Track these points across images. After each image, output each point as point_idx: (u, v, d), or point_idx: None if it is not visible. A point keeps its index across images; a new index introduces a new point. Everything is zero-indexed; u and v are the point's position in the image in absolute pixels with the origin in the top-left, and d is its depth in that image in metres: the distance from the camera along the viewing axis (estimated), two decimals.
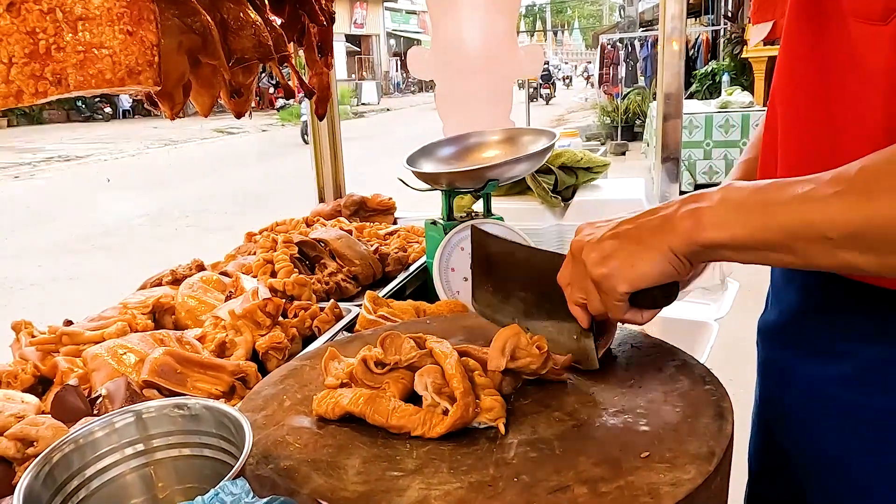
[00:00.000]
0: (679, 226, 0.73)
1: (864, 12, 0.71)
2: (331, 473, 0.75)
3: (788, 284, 0.92)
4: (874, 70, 0.71)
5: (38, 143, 17.34)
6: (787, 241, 0.67)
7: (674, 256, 0.74)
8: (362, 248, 1.83)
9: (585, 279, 0.81)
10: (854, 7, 0.72)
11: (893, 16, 0.68)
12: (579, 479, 0.70)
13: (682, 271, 0.76)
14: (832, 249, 0.64)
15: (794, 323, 0.91)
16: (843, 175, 0.64)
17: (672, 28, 2.14)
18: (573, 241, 0.84)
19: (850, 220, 0.62)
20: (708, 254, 0.74)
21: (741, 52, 11.19)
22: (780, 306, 0.94)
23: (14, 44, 0.68)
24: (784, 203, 0.67)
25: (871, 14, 0.70)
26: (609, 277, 0.78)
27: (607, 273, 0.78)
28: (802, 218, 0.65)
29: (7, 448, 0.97)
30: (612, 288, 0.78)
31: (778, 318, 0.94)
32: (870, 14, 0.70)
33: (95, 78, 0.74)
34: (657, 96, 2.27)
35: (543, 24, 46.83)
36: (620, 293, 0.78)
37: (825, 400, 0.84)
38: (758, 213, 0.68)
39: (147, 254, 6.54)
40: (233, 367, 1.22)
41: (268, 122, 21.54)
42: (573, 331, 0.90)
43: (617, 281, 0.78)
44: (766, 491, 1.04)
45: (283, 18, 1.26)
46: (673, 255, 0.74)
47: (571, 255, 0.84)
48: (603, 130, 13.14)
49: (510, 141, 1.79)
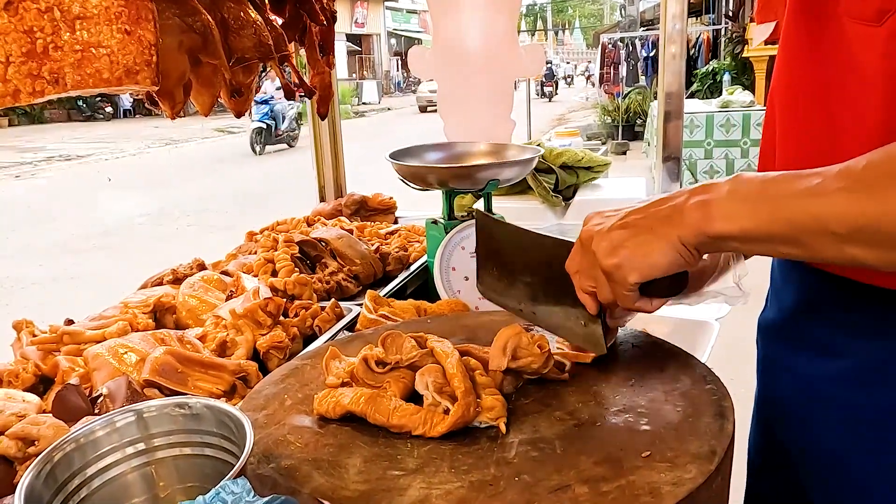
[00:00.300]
0: (688, 217, 0.73)
1: (858, 13, 0.71)
2: (332, 472, 0.75)
3: (788, 282, 0.92)
4: (871, 70, 0.71)
5: (39, 142, 17.34)
6: (794, 235, 0.67)
7: (683, 247, 0.75)
8: (363, 247, 1.83)
9: (595, 268, 0.81)
10: (849, 8, 0.73)
11: (887, 17, 0.68)
12: (580, 479, 0.70)
13: (691, 261, 0.76)
14: (838, 244, 0.65)
15: (793, 320, 0.91)
16: (850, 169, 0.64)
17: (673, 27, 2.13)
18: (583, 229, 0.84)
19: (856, 215, 0.63)
20: (717, 245, 0.74)
21: (742, 51, 11.18)
22: (779, 304, 0.94)
23: (11, 42, 0.68)
24: (792, 196, 0.67)
25: (866, 15, 0.70)
26: (619, 268, 0.78)
27: (618, 263, 0.78)
28: (809, 212, 0.66)
29: (8, 447, 0.98)
30: (622, 278, 0.79)
31: (777, 316, 0.95)
32: (864, 15, 0.71)
33: (93, 77, 0.74)
34: (658, 96, 2.27)
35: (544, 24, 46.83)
36: (631, 283, 0.79)
37: (824, 397, 0.84)
38: (766, 206, 0.69)
39: (148, 253, 6.54)
40: (234, 366, 1.22)
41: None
42: (581, 316, 0.90)
43: (627, 272, 0.78)
44: (766, 488, 1.04)
45: (284, 18, 1.26)
46: (682, 245, 0.74)
47: (581, 243, 0.84)
48: (604, 130, 13.14)
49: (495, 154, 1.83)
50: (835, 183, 0.64)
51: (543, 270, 0.94)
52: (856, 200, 0.63)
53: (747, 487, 1.08)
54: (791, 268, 0.90)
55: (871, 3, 0.69)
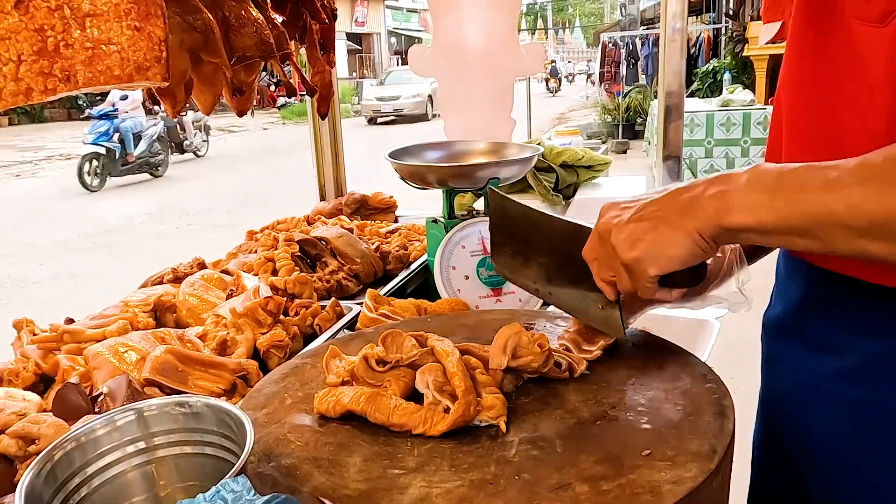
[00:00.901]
0: (706, 208, 0.74)
1: (863, 14, 0.72)
2: (332, 471, 0.75)
3: (792, 280, 0.93)
4: (876, 71, 0.71)
5: (40, 141, 17.33)
6: (810, 228, 0.68)
7: (701, 238, 0.75)
8: (363, 246, 1.83)
9: (615, 261, 0.82)
10: (854, 9, 0.73)
11: (891, 18, 0.69)
12: (580, 477, 0.70)
13: (709, 252, 0.77)
14: (854, 238, 0.65)
15: (796, 318, 0.91)
16: (867, 163, 0.65)
17: (673, 26, 2.13)
18: (600, 221, 0.84)
19: (872, 209, 0.63)
20: (734, 236, 0.74)
21: (742, 50, 11.17)
22: (783, 301, 0.95)
23: (23, 41, 0.68)
24: (809, 189, 0.68)
25: (871, 16, 0.71)
26: (639, 262, 0.79)
27: (637, 257, 0.79)
28: (826, 205, 0.66)
29: (9, 446, 0.98)
30: (642, 272, 0.79)
31: (781, 313, 0.95)
32: (869, 16, 0.71)
33: (104, 74, 0.74)
34: (658, 94, 2.27)
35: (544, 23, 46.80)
36: (651, 276, 0.79)
37: (827, 394, 0.84)
38: (783, 199, 0.69)
39: (148, 252, 6.54)
40: (234, 365, 1.22)
41: (269, 121, 21.53)
42: (598, 300, 0.91)
43: (647, 265, 0.78)
44: (769, 482, 1.05)
45: (285, 16, 1.26)
46: (700, 237, 0.75)
47: (598, 234, 0.84)
48: (604, 129, 13.13)
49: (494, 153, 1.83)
50: (851, 177, 0.65)
51: (559, 253, 0.95)
52: (872, 195, 0.63)
53: (751, 483, 1.08)
54: (795, 266, 0.91)
55: (876, 5, 0.70)
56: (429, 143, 1.86)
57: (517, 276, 1.05)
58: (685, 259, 0.77)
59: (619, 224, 0.81)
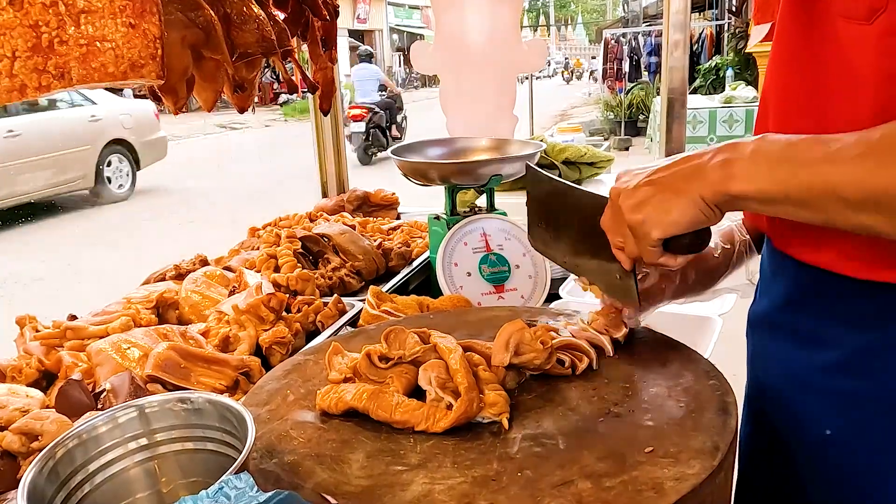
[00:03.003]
0: (710, 175, 0.75)
1: (850, 12, 0.73)
2: (334, 468, 0.75)
3: (777, 276, 0.93)
4: (862, 68, 0.73)
5: None
6: (809, 199, 0.69)
7: (704, 204, 0.76)
8: (365, 243, 1.83)
9: (622, 224, 0.84)
10: (841, 7, 0.74)
11: (877, 15, 0.70)
12: (583, 474, 0.69)
13: (712, 219, 0.78)
14: (850, 210, 0.66)
15: (781, 313, 0.92)
16: (865, 139, 0.66)
17: (676, 23, 2.13)
18: (612, 187, 0.86)
19: (868, 183, 0.64)
20: (736, 204, 0.75)
21: (745, 46, 11.13)
22: (768, 297, 0.96)
23: (17, 37, 0.68)
24: (810, 161, 0.69)
25: (857, 14, 0.72)
26: (643, 224, 0.80)
27: (641, 219, 0.80)
28: (824, 178, 0.67)
29: (12, 442, 0.98)
30: (646, 234, 0.80)
31: (766, 308, 0.96)
32: (855, 14, 0.72)
33: (98, 71, 0.74)
34: (661, 91, 2.26)
35: (546, 19, 46.70)
36: (654, 239, 0.80)
37: (814, 386, 0.85)
38: (784, 169, 0.70)
39: (151, 249, 6.54)
40: (236, 361, 1.22)
41: (271, 118, 21.50)
42: (616, 270, 0.92)
43: (650, 227, 0.80)
44: (756, 475, 1.05)
45: (287, 13, 1.26)
46: (704, 202, 0.76)
47: (611, 200, 0.86)
48: (606, 126, 13.10)
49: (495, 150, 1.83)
50: (850, 151, 0.66)
51: (583, 225, 0.97)
52: (868, 168, 0.64)
53: (738, 476, 1.08)
54: (781, 261, 0.91)
55: (862, 2, 0.71)
56: (431, 140, 1.86)
57: (549, 250, 1.08)
58: (687, 224, 0.78)
59: (627, 189, 0.82)
